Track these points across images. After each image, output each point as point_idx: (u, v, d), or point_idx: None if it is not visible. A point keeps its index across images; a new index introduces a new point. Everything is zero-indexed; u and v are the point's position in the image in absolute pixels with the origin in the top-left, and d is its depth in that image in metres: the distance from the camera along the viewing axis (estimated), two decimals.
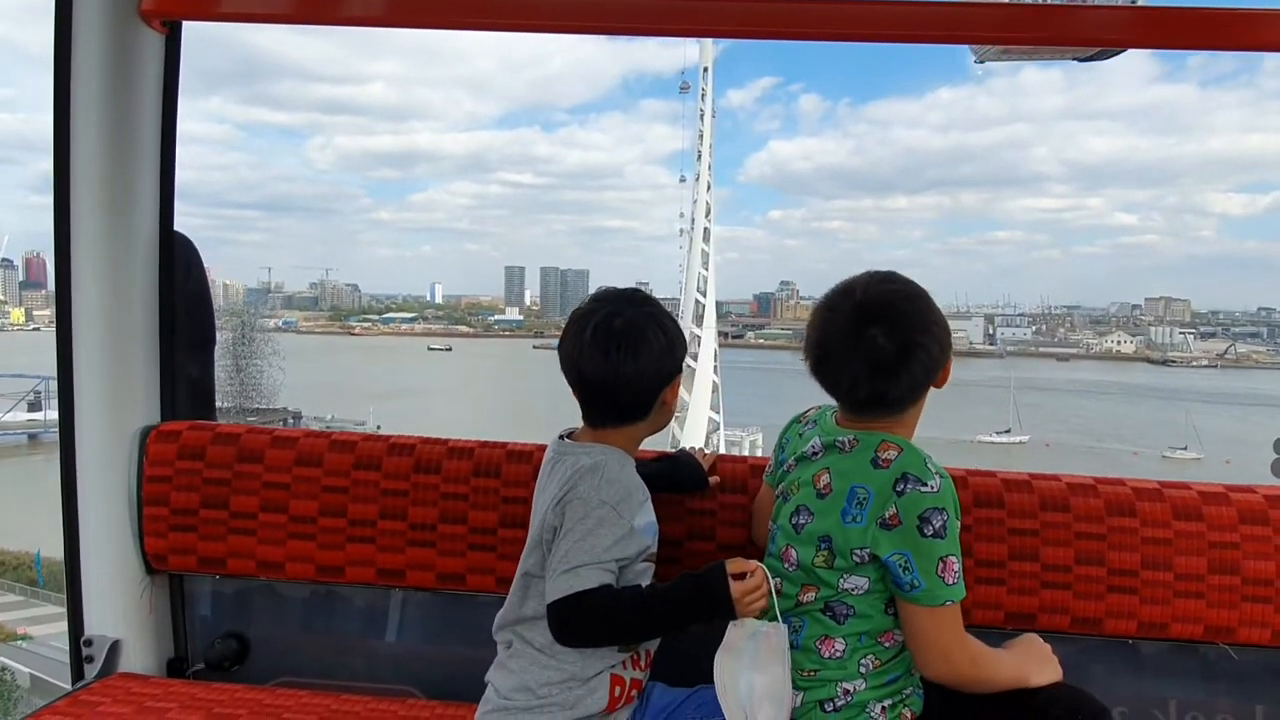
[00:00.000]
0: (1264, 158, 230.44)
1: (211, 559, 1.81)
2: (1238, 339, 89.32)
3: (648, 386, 1.33)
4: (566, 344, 1.34)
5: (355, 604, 1.89)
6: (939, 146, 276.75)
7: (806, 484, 1.34)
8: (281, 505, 1.79)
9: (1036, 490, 1.66)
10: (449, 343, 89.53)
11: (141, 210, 1.83)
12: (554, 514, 1.28)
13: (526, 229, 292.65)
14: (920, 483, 1.22)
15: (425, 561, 1.75)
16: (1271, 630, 1.61)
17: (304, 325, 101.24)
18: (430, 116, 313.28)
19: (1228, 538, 1.60)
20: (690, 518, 1.70)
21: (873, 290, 1.30)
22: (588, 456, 1.32)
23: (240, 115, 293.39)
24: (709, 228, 23.49)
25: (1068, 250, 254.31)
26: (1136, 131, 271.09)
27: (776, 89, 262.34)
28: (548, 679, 1.29)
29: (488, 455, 1.77)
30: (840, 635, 1.29)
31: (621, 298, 1.36)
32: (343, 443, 1.82)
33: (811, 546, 1.29)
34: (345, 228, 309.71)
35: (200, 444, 1.83)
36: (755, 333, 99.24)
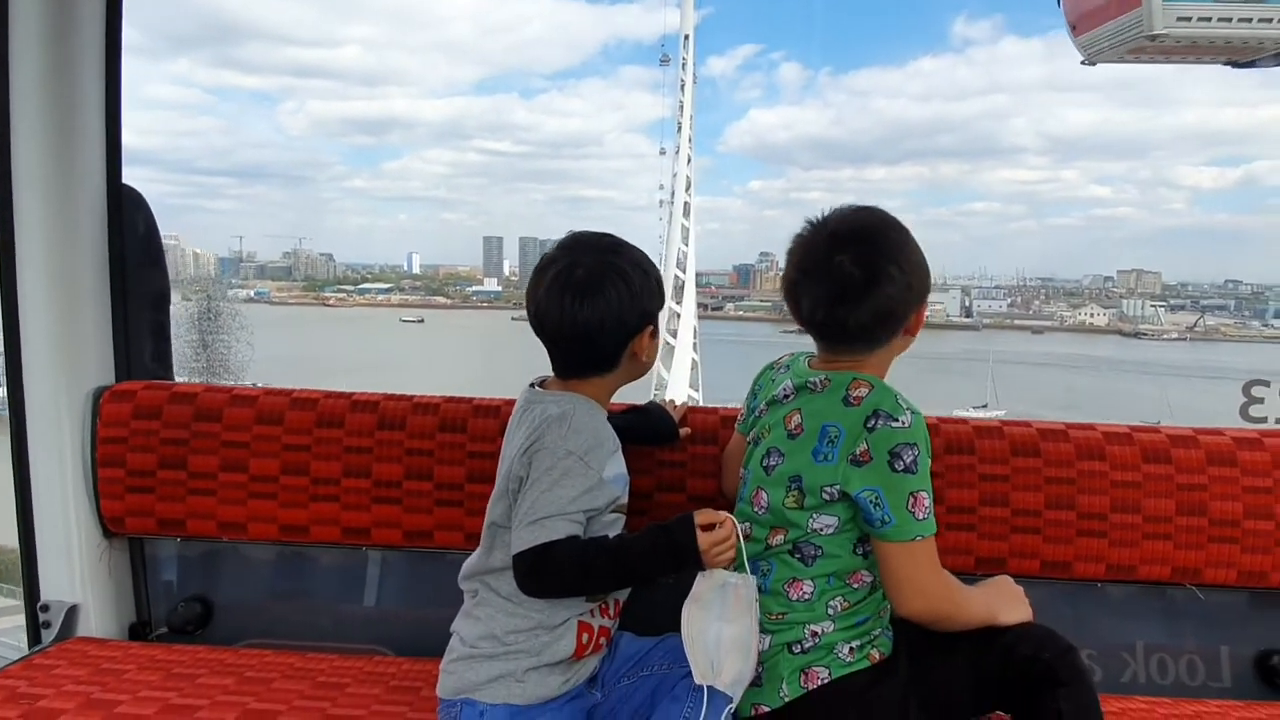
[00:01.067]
0: (1235, 132, 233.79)
1: (171, 521, 1.78)
2: (1206, 311, 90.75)
3: (610, 338, 1.29)
4: (529, 293, 1.31)
5: (321, 564, 1.87)
6: (919, 117, 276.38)
7: (778, 426, 1.33)
8: (242, 464, 1.75)
9: (1007, 436, 1.67)
10: (422, 314, 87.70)
11: (87, 162, 1.75)
12: (520, 463, 1.26)
13: (505, 198, 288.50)
14: (891, 418, 1.22)
15: (391, 519, 1.73)
16: (1237, 570, 1.64)
17: (277, 296, 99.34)
18: (406, 82, 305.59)
19: (1195, 480, 1.62)
20: (660, 469, 1.70)
21: (848, 218, 1.30)
22: (556, 405, 1.29)
23: (209, 79, 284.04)
24: (689, 202, 22.95)
25: (1043, 222, 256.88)
26: (1114, 104, 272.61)
27: (758, 57, 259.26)
28: (514, 626, 1.26)
29: (453, 410, 1.74)
30: (808, 577, 1.29)
31: (587, 245, 1.31)
32: (304, 400, 1.78)
33: (782, 488, 1.29)
34: (319, 195, 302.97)
35: (156, 404, 1.78)
36: (735, 304, 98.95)
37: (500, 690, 1.24)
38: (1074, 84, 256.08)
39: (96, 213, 1.81)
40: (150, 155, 60.09)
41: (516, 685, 1.25)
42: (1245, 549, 1.64)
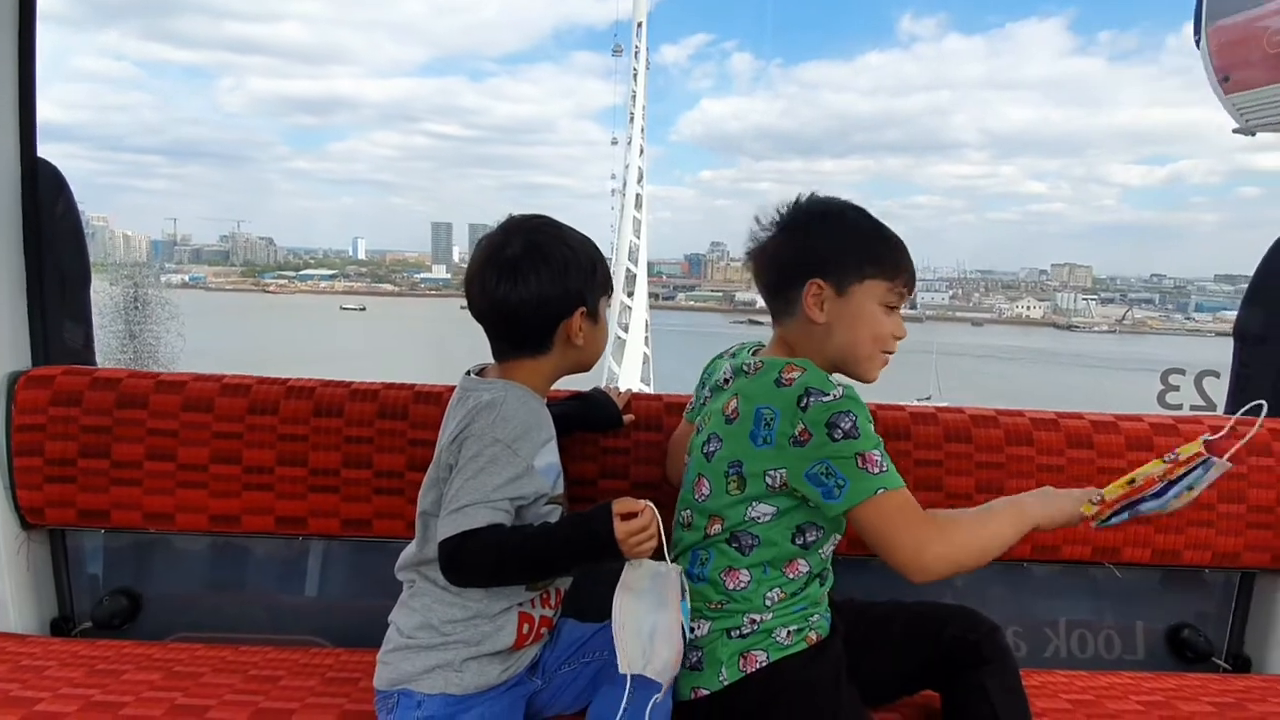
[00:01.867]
0: (1163, 131, 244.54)
1: (93, 511, 1.71)
2: (1133, 304, 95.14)
3: (535, 319, 1.28)
4: (466, 274, 1.32)
5: (255, 554, 1.83)
6: (866, 110, 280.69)
7: (717, 413, 1.33)
8: (169, 453, 1.69)
9: (941, 422, 1.72)
10: (364, 302, 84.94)
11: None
12: (450, 451, 1.25)
13: (454, 183, 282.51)
14: (822, 393, 1.20)
15: (329, 508, 1.69)
16: (1152, 550, 1.72)
17: (214, 281, 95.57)
18: (350, 61, 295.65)
19: (1115, 464, 1.69)
20: (604, 456, 1.69)
21: (797, 199, 1.35)
22: (488, 392, 1.27)
23: (140, 52, 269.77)
24: (640, 194, 22.77)
25: (982, 216, 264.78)
26: (1051, 102, 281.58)
27: (709, 46, 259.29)
28: (451, 616, 1.25)
29: (393, 397, 1.70)
30: (745, 566, 1.29)
31: (519, 226, 1.30)
32: (235, 386, 1.72)
33: (722, 474, 1.28)
34: (259, 177, 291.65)
35: (76, 389, 1.71)
36: (686, 294, 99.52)
37: (438, 680, 1.23)
38: (1013, 82, 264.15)
39: (9, 189, 1.73)
40: (77, 131, 56.06)
41: (454, 675, 1.23)
42: (1159, 529, 1.73)
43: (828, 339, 1.31)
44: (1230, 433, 1.25)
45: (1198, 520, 1.73)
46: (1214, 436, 1.25)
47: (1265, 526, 1.74)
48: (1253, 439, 1.46)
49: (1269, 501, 1.74)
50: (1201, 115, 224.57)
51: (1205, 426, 1.72)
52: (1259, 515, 1.73)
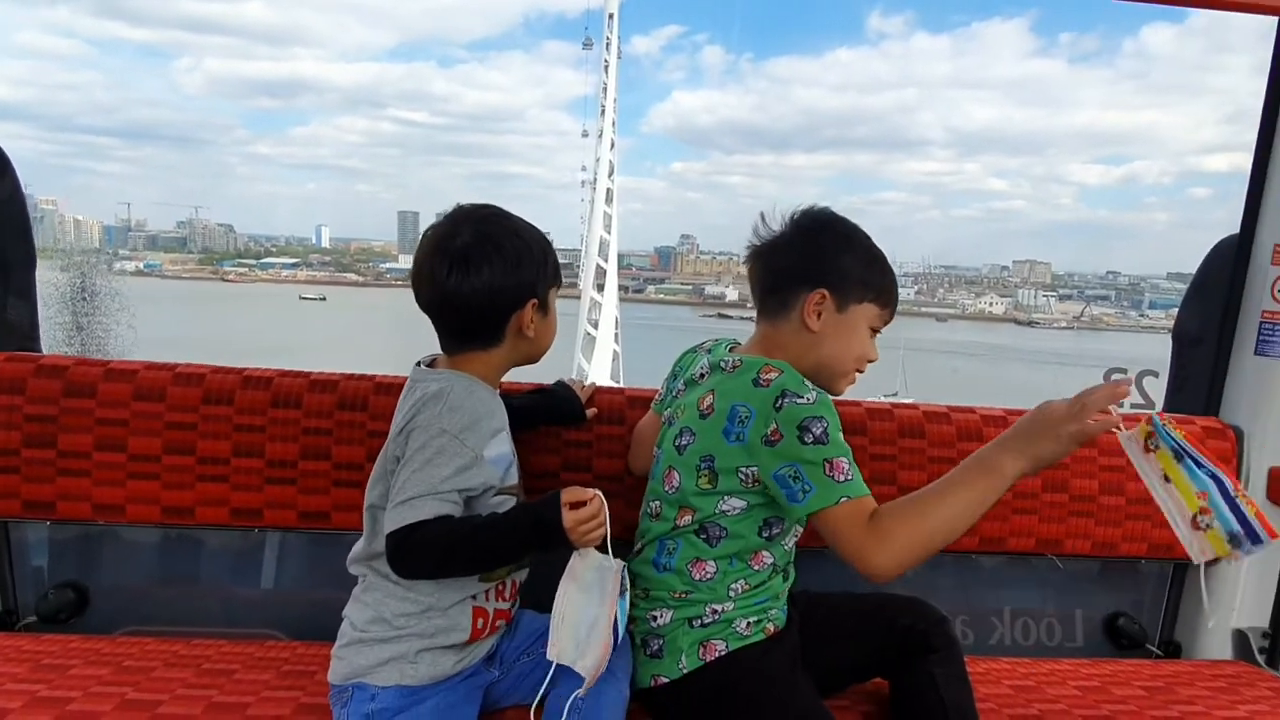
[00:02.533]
0: (1119, 133, 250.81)
1: (39, 503, 1.66)
2: (1090, 301, 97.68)
3: (484, 309, 1.26)
4: (414, 265, 1.30)
5: (208, 547, 1.79)
6: (835, 106, 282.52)
7: (691, 406, 1.35)
8: (119, 443, 1.64)
9: (896, 418, 1.77)
10: (324, 292, 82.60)
11: None
12: (397, 443, 1.23)
13: (422, 171, 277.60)
14: (797, 396, 1.23)
15: (285, 500, 1.67)
16: (1091, 541, 1.79)
17: (170, 269, 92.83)
18: (314, 43, 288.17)
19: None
20: (566, 449, 1.69)
21: (815, 207, 1.38)
22: (435, 383, 1.26)
23: (93, 29, 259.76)
24: (611, 188, 22.49)
25: (946, 212, 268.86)
26: (1013, 102, 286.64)
27: (681, 38, 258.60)
28: (404, 610, 1.24)
29: (353, 388, 1.68)
30: (712, 558, 1.32)
31: (468, 216, 1.28)
32: (189, 376, 1.68)
33: (693, 468, 1.30)
34: (219, 160, 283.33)
35: (19, 376, 1.65)
36: (655, 287, 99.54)
37: (392, 672, 1.22)
38: (978, 81, 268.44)
39: None
40: (23, 110, 53.17)
41: (409, 666, 1.23)
42: (1099, 522, 1.80)
43: (815, 348, 1.35)
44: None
45: (1135, 514, 1.80)
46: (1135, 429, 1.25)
47: None
48: (1189, 433, 1.51)
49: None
50: (1156, 118, 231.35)
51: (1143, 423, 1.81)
52: None
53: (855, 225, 1.39)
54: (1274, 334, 1.83)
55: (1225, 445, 1.85)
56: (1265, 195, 1.84)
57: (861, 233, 1.38)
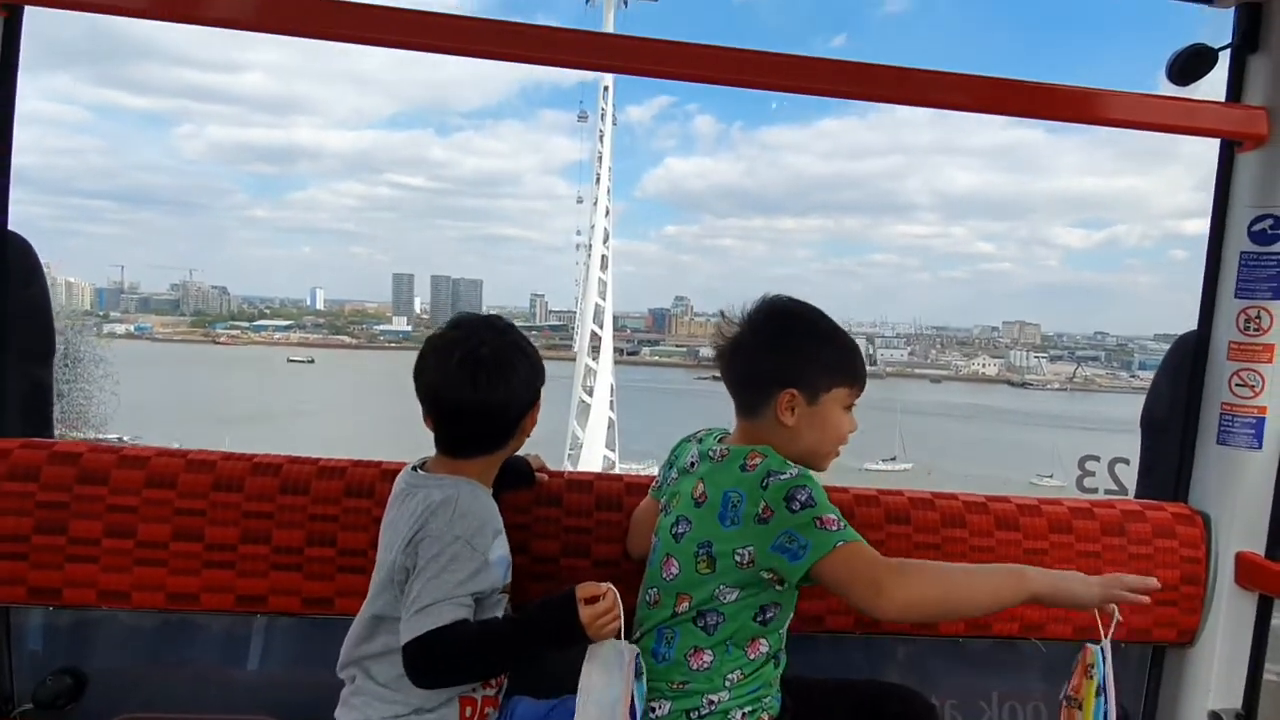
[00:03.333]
0: (1097, 197, 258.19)
1: (44, 589, 1.67)
2: (1081, 361, 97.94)
3: (513, 414, 1.34)
4: (429, 374, 1.32)
5: (211, 632, 1.80)
6: (823, 172, 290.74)
7: (685, 495, 1.41)
8: (128, 530, 1.67)
9: (882, 504, 1.82)
10: (314, 354, 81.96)
11: None
12: (407, 554, 1.26)
13: (418, 234, 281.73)
14: (780, 473, 1.30)
15: (290, 586, 1.68)
16: (1073, 626, 1.84)
17: (161, 331, 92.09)
18: (313, 111, 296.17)
19: (1039, 545, 1.83)
20: (565, 535, 1.72)
21: (774, 298, 1.45)
22: (439, 490, 1.30)
23: (93, 97, 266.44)
24: (606, 255, 22.29)
25: (936, 274, 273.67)
26: (995, 169, 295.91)
27: (673, 107, 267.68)
28: (394, 713, 1.27)
29: (360, 474, 1.71)
30: (709, 646, 1.35)
31: (484, 325, 1.36)
32: (200, 462, 1.71)
33: (691, 555, 1.35)
34: (216, 224, 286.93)
35: (34, 464, 1.68)
36: (650, 349, 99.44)
37: None
38: (961, 149, 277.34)
39: None
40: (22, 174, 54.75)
41: None
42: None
43: (795, 440, 1.40)
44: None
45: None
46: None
47: (1171, 604, 1.87)
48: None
49: (1173, 580, 1.87)
50: (1132, 183, 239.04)
51: (1117, 510, 1.90)
52: (1165, 594, 1.85)
53: (813, 312, 1.45)
54: (1233, 424, 1.90)
55: (1194, 531, 1.91)
56: (1218, 298, 1.93)
57: (821, 320, 1.44)
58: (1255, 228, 1.86)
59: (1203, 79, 1.83)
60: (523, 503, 1.70)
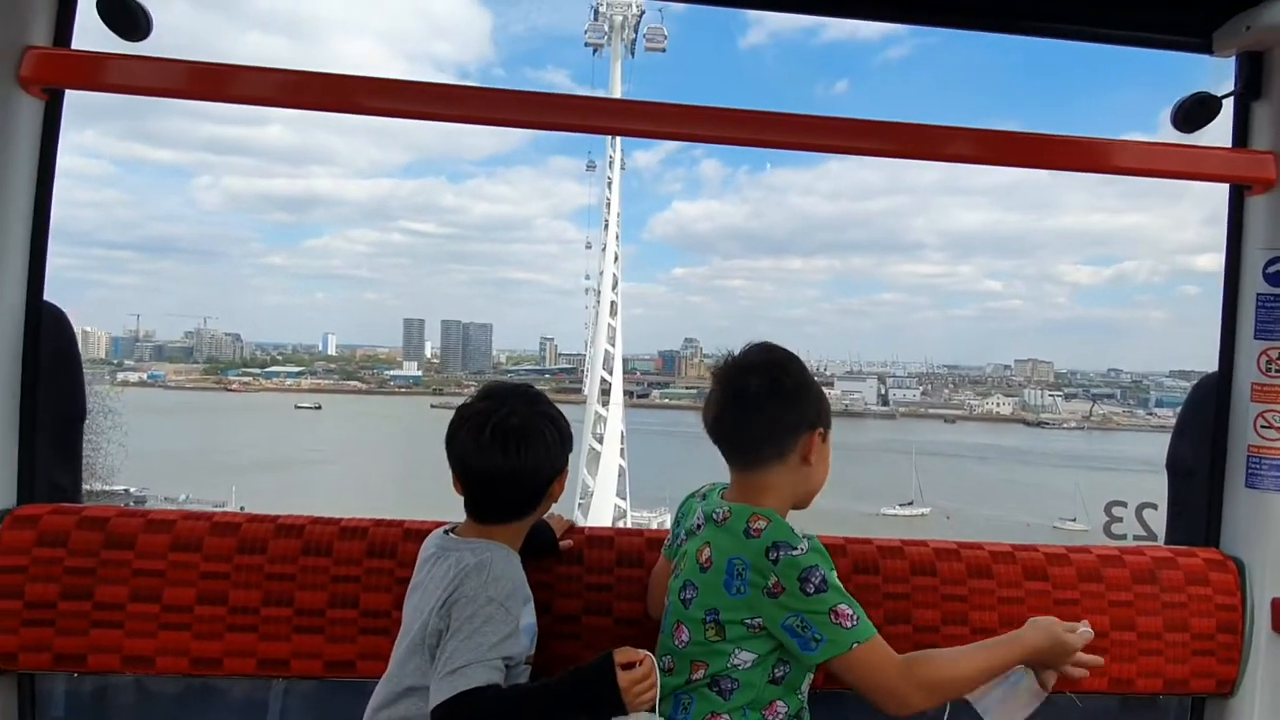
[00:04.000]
0: (1105, 234, 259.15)
1: (69, 655, 1.67)
2: (1096, 399, 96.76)
3: (542, 481, 1.36)
4: (460, 442, 1.35)
5: (232, 697, 1.80)
6: (829, 212, 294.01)
7: (690, 558, 1.41)
8: (154, 594, 1.68)
9: (908, 556, 1.79)
10: (322, 400, 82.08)
11: (8, 280, 1.74)
12: (439, 617, 1.26)
13: (430, 279, 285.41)
14: (790, 547, 1.30)
15: (312, 649, 1.68)
16: (1108, 678, 1.79)
17: (173, 379, 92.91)
18: (331, 161, 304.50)
19: (1069, 594, 1.80)
20: (587, 592, 1.71)
21: (751, 352, 1.47)
22: (472, 554, 1.31)
23: (118, 151, 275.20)
24: (615, 301, 22.51)
25: (944, 312, 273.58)
26: (1000, 207, 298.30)
27: (679, 153, 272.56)
28: None
29: (383, 535, 1.72)
30: (725, 711, 1.34)
31: (514, 395, 1.39)
32: (225, 525, 1.73)
33: (699, 622, 1.34)
34: (234, 272, 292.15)
35: (63, 530, 1.70)
36: (660, 391, 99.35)
37: None
38: (965, 188, 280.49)
39: (12, 329, 1.76)
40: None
41: None
42: (1114, 658, 1.79)
43: (808, 480, 1.44)
44: None
45: (1148, 649, 1.81)
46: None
47: (1208, 653, 1.82)
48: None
49: (1209, 629, 1.83)
50: (1139, 220, 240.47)
51: (1148, 557, 1.86)
52: (1202, 643, 1.82)
53: (794, 355, 1.48)
54: (1261, 467, 1.88)
55: (1228, 577, 1.86)
56: (1237, 339, 1.93)
57: (811, 387, 1.48)
58: (1270, 269, 1.87)
59: (1207, 126, 1.86)
60: (544, 560, 1.69)
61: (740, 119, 1.77)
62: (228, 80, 1.73)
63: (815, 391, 1.46)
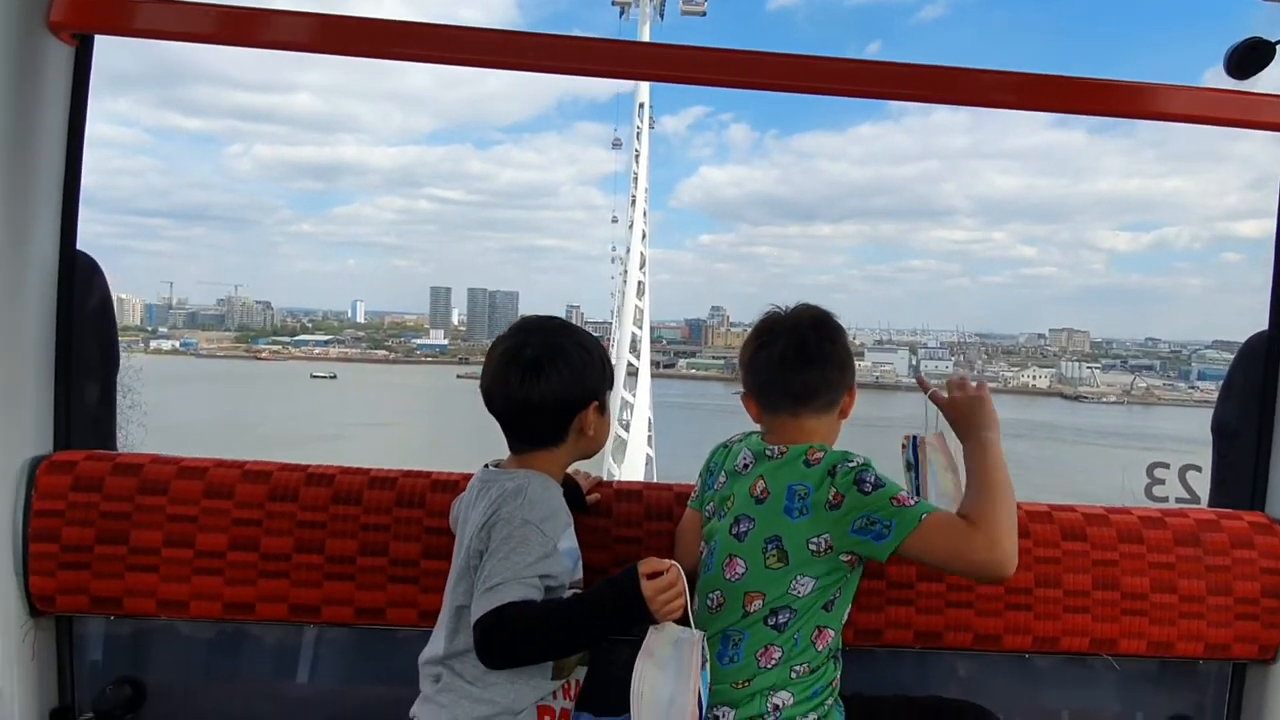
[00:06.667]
0: (1143, 200, 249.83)
1: (106, 598, 1.72)
2: (1135, 371, 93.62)
3: (557, 412, 1.37)
4: (487, 374, 1.40)
5: (265, 643, 1.83)
6: (859, 178, 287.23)
7: (743, 495, 1.43)
8: (187, 539, 1.71)
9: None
10: (340, 370, 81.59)
11: (40, 228, 1.76)
12: (479, 539, 1.30)
13: (457, 245, 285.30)
14: (847, 462, 1.37)
15: (343, 596, 1.71)
16: (1147, 641, 1.77)
17: (205, 347, 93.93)
18: (359, 129, 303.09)
19: (1108, 556, 1.77)
20: (616, 545, 1.73)
21: (810, 308, 1.56)
22: (511, 481, 1.34)
23: (151, 119, 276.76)
24: (643, 281, 21.46)
25: (976, 279, 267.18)
26: (1034, 172, 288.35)
27: (708, 117, 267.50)
28: (479, 713, 1.28)
29: (411, 485, 1.74)
30: (779, 644, 1.37)
31: (537, 327, 1.42)
32: (256, 473, 1.76)
33: (759, 550, 1.37)
34: (264, 239, 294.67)
35: (98, 475, 1.74)
36: (687, 361, 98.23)
37: None
38: (998, 152, 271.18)
39: (46, 278, 1.78)
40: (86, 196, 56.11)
41: None
42: (1153, 621, 1.76)
43: (837, 432, 1.51)
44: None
45: (1189, 612, 1.77)
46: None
47: (1252, 618, 1.78)
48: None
49: (1253, 593, 1.78)
50: (1179, 185, 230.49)
51: (1191, 520, 1.81)
52: (1245, 607, 1.78)
53: (845, 345, 1.57)
54: None
55: (1273, 540, 1.82)
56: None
57: (846, 347, 1.57)
58: None
59: (1261, 73, 1.76)
60: (572, 514, 1.68)
61: (772, 63, 1.74)
62: (259, 25, 1.72)
63: (850, 352, 1.55)
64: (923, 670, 1.87)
